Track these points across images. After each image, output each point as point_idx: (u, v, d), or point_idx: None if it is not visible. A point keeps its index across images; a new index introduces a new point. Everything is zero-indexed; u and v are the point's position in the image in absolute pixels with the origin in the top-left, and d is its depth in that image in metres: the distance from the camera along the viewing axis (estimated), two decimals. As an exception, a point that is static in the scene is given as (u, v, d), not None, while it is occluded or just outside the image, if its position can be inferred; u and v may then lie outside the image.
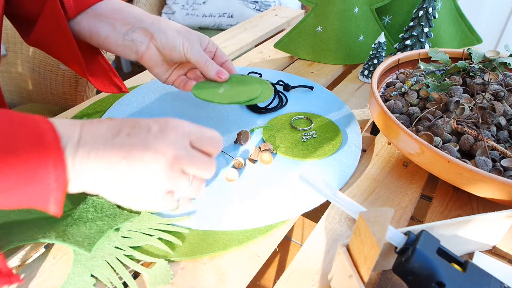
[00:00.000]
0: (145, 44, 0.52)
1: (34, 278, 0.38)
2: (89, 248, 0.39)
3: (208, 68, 0.53)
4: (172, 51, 0.52)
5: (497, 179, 0.38)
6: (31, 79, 1.17)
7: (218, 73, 0.54)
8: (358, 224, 0.30)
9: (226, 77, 0.54)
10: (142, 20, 0.52)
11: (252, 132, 0.58)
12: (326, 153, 0.53)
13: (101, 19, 0.52)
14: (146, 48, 0.53)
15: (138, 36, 0.52)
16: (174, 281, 0.38)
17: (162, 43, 0.52)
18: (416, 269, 0.30)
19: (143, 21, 0.52)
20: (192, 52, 0.52)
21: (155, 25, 0.52)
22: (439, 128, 0.48)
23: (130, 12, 0.53)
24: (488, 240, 0.39)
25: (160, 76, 0.57)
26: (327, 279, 0.38)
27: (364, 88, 0.73)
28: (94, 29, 0.52)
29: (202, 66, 0.53)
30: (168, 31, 0.52)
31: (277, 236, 0.43)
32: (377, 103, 0.49)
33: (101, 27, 0.52)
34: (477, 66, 0.59)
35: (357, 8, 0.77)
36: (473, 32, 0.82)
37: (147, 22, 0.52)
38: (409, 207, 0.46)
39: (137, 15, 0.53)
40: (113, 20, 0.52)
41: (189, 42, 0.52)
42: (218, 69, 0.54)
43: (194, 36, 0.53)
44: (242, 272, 0.39)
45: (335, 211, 0.45)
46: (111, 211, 0.43)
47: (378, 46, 0.71)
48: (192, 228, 0.43)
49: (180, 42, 0.52)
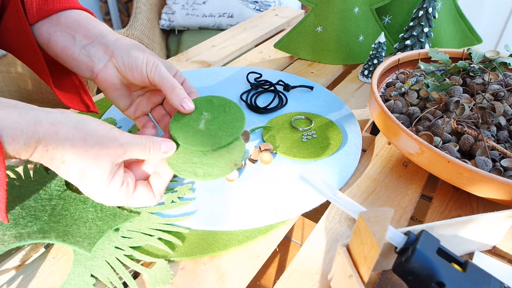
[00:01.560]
0: (103, 62, 0.47)
1: (34, 278, 0.38)
2: (89, 248, 0.39)
3: (174, 92, 0.45)
4: (133, 71, 0.46)
5: (497, 179, 0.38)
6: (31, 79, 1.17)
7: (182, 102, 0.45)
8: (358, 224, 0.30)
9: (190, 108, 0.46)
10: (105, 36, 0.47)
11: (252, 132, 0.58)
12: (326, 153, 0.53)
13: (62, 28, 0.48)
14: (103, 67, 0.47)
15: (96, 52, 0.47)
16: (174, 281, 0.38)
17: (123, 61, 0.46)
18: (416, 269, 0.30)
19: (106, 37, 0.47)
20: (156, 72, 0.45)
21: (119, 42, 0.47)
22: (439, 128, 0.48)
23: (95, 27, 0.48)
24: (488, 240, 0.39)
25: (118, 102, 0.49)
26: (327, 279, 0.38)
27: (364, 88, 0.73)
28: (52, 37, 0.48)
29: (168, 88, 0.45)
30: (131, 50, 0.46)
31: (277, 236, 0.43)
32: (377, 103, 0.49)
33: (60, 36, 0.47)
34: (477, 66, 0.59)
35: (357, 8, 0.77)
36: (473, 32, 0.82)
37: (110, 38, 0.47)
38: (409, 207, 0.46)
39: (101, 31, 0.48)
40: (75, 31, 0.47)
41: (153, 62, 0.46)
42: (185, 97, 0.46)
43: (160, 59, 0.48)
44: (242, 272, 0.39)
45: (335, 211, 0.45)
46: (111, 211, 0.43)
47: (378, 46, 0.71)
48: (192, 228, 0.43)
49: (143, 60, 0.46)
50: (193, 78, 0.72)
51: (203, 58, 0.85)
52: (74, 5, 0.50)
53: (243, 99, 0.66)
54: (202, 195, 0.47)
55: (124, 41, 0.47)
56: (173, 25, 1.82)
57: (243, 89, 0.69)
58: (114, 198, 0.39)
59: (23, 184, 0.47)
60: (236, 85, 0.70)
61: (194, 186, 0.48)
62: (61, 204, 0.44)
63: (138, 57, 0.46)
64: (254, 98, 0.66)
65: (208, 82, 0.71)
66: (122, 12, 2.46)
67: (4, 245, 0.39)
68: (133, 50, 0.46)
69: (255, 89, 0.68)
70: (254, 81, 0.70)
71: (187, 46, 1.72)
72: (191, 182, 0.48)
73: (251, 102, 0.65)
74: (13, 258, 0.40)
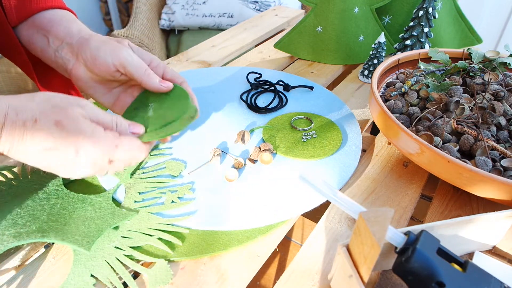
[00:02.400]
0: (71, 63, 0.47)
1: (34, 278, 0.38)
2: (88, 246, 0.39)
3: (150, 76, 0.46)
4: (98, 64, 0.45)
5: (497, 179, 0.38)
6: (31, 79, 1.17)
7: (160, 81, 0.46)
8: (358, 224, 0.30)
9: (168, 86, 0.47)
10: (72, 36, 0.47)
11: (252, 132, 0.58)
12: (326, 153, 0.53)
13: (38, 31, 0.48)
14: (72, 67, 0.47)
15: (66, 53, 0.47)
16: (174, 281, 0.38)
17: (87, 57, 0.45)
18: (416, 269, 0.30)
19: (73, 37, 0.47)
20: (127, 61, 0.44)
21: (83, 40, 0.46)
22: (439, 128, 0.48)
23: (65, 27, 0.48)
24: (488, 240, 0.39)
25: (99, 99, 0.49)
26: (327, 279, 0.38)
27: (364, 88, 0.73)
28: (31, 40, 0.49)
29: (142, 75, 0.45)
30: (93, 43, 0.45)
31: (277, 236, 0.43)
32: (377, 103, 0.49)
33: (38, 40, 0.48)
34: (477, 66, 0.59)
35: (357, 8, 0.77)
36: (473, 32, 0.82)
37: (75, 37, 0.47)
38: (409, 207, 0.46)
39: (70, 31, 0.47)
40: (48, 33, 0.48)
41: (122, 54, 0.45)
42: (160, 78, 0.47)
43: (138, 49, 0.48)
44: (242, 272, 0.39)
45: (335, 211, 0.45)
46: (110, 209, 0.43)
47: (378, 46, 0.71)
48: (192, 228, 0.43)
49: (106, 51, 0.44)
50: (193, 78, 0.72)
51: (203, 58, 0.85)
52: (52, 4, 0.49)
53: (243, 99, 0.66)
54: (202, 195, 0.47)
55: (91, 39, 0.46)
56: (173, 25, 1.82)
57: (243, 89, 0.69)
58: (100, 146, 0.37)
59: (21, 184, 0.47)
60: (236, 85, 0.70)
61: (194, 186, 0.48)
62: (60, 203, 0.44)
63: (99, 49, 0.45)
64: (254, 98, 0.66)
65: (208, 82, 0.71)
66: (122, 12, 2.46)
67: (3, 245, 0.39)
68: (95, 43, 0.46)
69: (255, 89, 0.68)
70: (254, 81, 0.70)
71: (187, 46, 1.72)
72: (191, 182, 0.48)
73: (251, 102, 0.65)
74: (13, 258, 0.40)
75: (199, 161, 0.52)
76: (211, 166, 0.51)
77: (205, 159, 0.52)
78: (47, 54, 0.48)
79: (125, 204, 0.45)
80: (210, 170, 0.51)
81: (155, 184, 0.48)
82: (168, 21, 1.81)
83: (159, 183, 0.48)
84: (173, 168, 0.50)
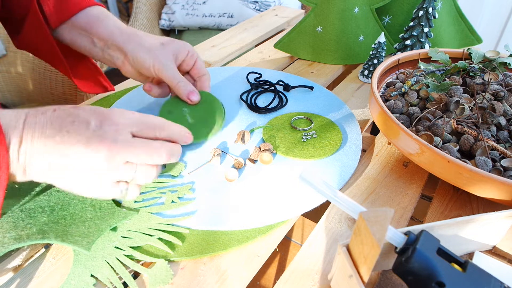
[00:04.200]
0: (120, 60, 0.54)
1: (34, 278, 0.38)
2: (88, 246, 0.39)
3: (180, 89, 0.54)
4: (144, 70, 0.54)
5: (497, 179, 0.38)
6: (31, 79, 1.17)
7: (188, 95, 0.54)
8: (358, 224, 0.30)
9: (196, 100, 0.54)
10: (116, 36, 0.53)
11: (252, 132, 0.58)
12: (326, 153, 0.53)
13: (79, 32, 0.54)
14: (121, 64, 0.55)
15: (113, 52, 0.54)
16: (174, 281, 0.38)
17: (134, 62, 0.53)
18: (416, 269, 0.30)
19: (116, 39, 0.53)
20: (163, 72, 0.53)
21: (127, 43, 0.53)
22: (439, 128, 0.48)
23: (106, 27, 0.53)
24: (488, 240, 0.39)
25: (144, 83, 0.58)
26: (327, 279, 0.38)
27: (364, 88, 0.73)
28: (75, 41, 0.54)
29: (174, 86, 0.54)
30: (138, 53, 0.52)
31: (277, 236, 0.43)
32: (377, 103, 0.49)
33: (81, 41, 0.54)
34: (477, 66, 0.59)
35: (357, 8, 0.77)
36: (473, 32, 0.82)
37: (119, 39, 0.53)
38: (409, 207, 0.46)
39: (111, 31, 0.53)
40: (90, 34, 0.53)
41: (159, 62, 0.52)
42: (189, 91, 0.54)
43: (167, 52, 0.53)
44: (242, 272, 0.39)
45: (335, 211, 0.45)
46: (110, 209, 0.44)
47: (378, 46, 0.71)
48: (192, 228, 0.43)
49: (150, 63, 0.52)
50: (193, 78, 0.72)
51: (203, 58, 0.85)
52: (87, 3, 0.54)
53: (243, 99, 0.66)
54: (202, 195, 0.47)
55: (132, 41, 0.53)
56: (173, 25, 1.82)
57: (243, 89, 0.69)
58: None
59: (22, 186, 0.47)
60: (236, 85, 0.70)
61: (194, 186, 0.48)
62: (60, 204, 0.44)
63: (145, 60, 0.52)
64: (254, 98, 0.66)
65: (208, 82, 0.71)
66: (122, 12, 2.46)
67: (4, 247, 0.38)
68: (141, 52, 0.52)
69: (255, 89, 0.68)
70: (254, 81, 0.70)
71: (187, 46, 1.72)
72: (191, 182, 0.48)
73: (251, 102, 0.65)
74: (13, 259, 0.40)
75: (199, 161, 0.52)
76: (211, 166, 0.51)
77: (205, 159, 0.52)
78: (93, 52, 0.55)
79: (125, 204, 0.45)
80: (210, 170, 0.51)
81: (155, 184, 0.48)
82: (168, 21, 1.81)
83: (159, 183, 0.48)
84: (173, 168, 0.50)
